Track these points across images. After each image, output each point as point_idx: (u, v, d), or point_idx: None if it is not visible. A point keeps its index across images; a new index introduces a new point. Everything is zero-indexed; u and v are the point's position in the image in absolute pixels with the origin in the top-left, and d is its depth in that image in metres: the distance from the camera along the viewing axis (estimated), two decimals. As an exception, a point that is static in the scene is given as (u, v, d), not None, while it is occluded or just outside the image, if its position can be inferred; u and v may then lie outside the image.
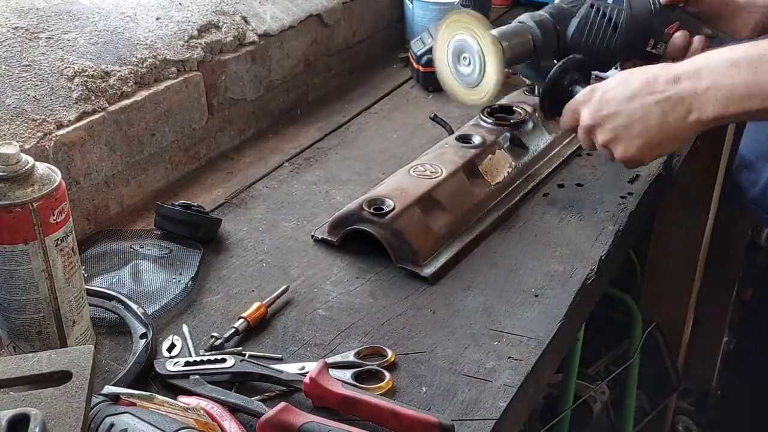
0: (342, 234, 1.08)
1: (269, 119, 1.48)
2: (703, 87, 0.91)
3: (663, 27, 1.15)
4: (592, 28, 1.15)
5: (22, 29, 1.12)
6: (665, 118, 0.94)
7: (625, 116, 0.96)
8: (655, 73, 0.95)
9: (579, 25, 1.15)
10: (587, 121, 1.01)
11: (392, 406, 0.79)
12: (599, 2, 1.15)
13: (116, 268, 1.05)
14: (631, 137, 0.97)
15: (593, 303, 1.11)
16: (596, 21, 1.14)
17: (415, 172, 1.15)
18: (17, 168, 0.78)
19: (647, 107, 0.94)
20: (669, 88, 0.93)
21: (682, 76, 0.93)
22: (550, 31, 1.15)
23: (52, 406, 0.64)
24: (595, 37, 1.15)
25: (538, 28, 1.14)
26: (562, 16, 1.16)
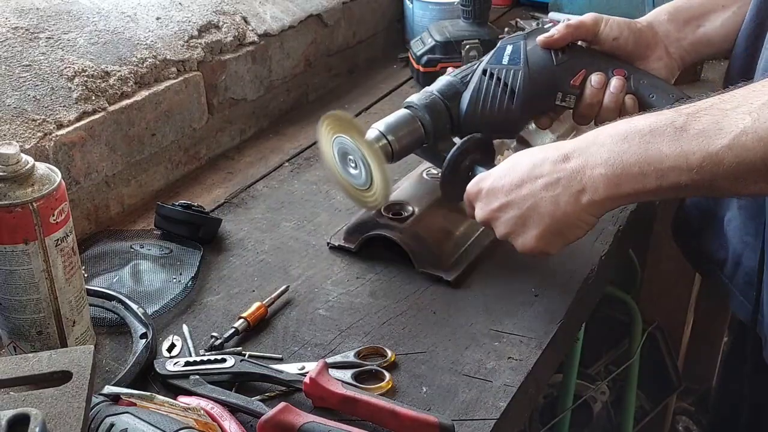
0: (360, 240, 1.07)
1: (269, 119, 1.48)
2: (591, 165, 0.82)
3: (568, 79, 1.03)
4: (486, 98, 1.04)
5: (22, 29, 1.12)
6: (557, 203, 0.85)
7: (515, 207, 0.88)
8: (543, 155, 0.87)
9: (471, 99, 1.05)
10: (480, 216, 0.93)
11: (392, 406, 0.79)
12: (492, 66, 1.05)
13: (116, 268, 1.05)
14: (526, 228, 0.88)
15: (593, 303, 1.11)
16: (490, 89, 1.04)
17: (428, 175, 1.14)
18: (17, 168, 0.78)
19: (536, 193, 0.85)
20: (557, 169, 0.84)
21: (571, 154, 0.84)
22: (441, 112, 1.05)
23: (52, 406, 0.64)
24: (491, 106, 1.04)
25: (426, 111, 1.04)
26: (452, 92, 1.06)
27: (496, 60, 1.05)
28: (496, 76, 1.04)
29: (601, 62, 1.04)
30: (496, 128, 1.06)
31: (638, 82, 1.03)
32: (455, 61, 1.56)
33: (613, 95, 1.02)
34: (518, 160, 0.90)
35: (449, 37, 1.57)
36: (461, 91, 1.06)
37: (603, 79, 1.02)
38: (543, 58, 1.04)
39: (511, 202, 0.88)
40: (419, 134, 1.05)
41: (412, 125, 1.05)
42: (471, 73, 1.07)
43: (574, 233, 0.88)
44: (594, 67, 1.04)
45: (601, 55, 1.06)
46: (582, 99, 1.04)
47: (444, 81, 1.07)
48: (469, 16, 1.59)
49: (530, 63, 1.04)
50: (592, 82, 1.02)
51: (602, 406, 1.89)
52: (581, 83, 1.03)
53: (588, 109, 1.04)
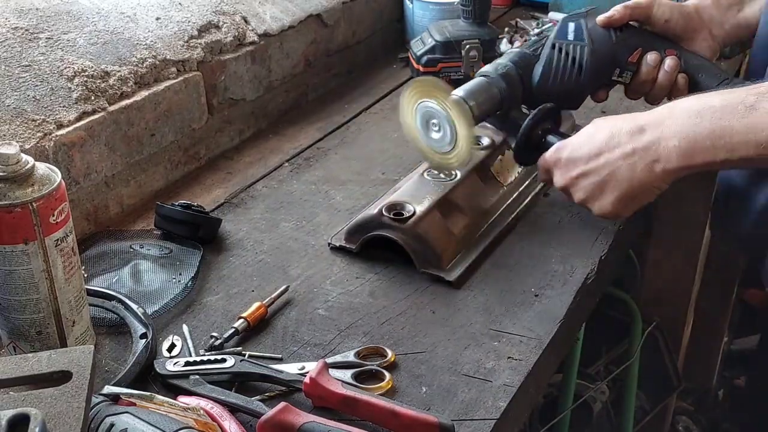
0: (362, 241, 1.07)
1: (269, 119, 1.48)
2: (666, 137, 0.90)
3: (626, 56, 1.13)
4: (557, 72, 1.12)
5: (22, 29, 1.12)
6: (633, 172, 0.93)
7: (594, 174, 0.96)
8: (620, 125, 0.95)
9: (544, 70, 1.12)
10: (560, 183, 1.01)
11: (392, 406, 0.79)
12: (560, 41, 1.13)
13: (116, 268, 1.05)
14: (604, 194, 0.97)
15: (593, 303, 1.11)
16: (560, 63, 1.12)
17: (429, 175, 1.14)
18: (17, 168, 0.78)
19: (613, 162, 0.94)
20: (633, 140, 0.92)
21: (646, 126, 0.92)
22: (516, 81, 1.12)
23: (52, 406, 0.64)
24: (561, 79, 1.12)
25: (503, 80, 1.11)
26: (525, 62, 1.13)
27: (561, 36, 1.13)
28: (564, 50, 1.12)
29: (654, 41, 1.13)
30: (564, 99, 1.14)
31: (688, 62, 1.12)
32: (455, 61, 1.56)
33: (667, 73, 1.10)
34: (595, 131, 0.97)
35: (449, 37, 1.57)
36: (533, 62, 1.13)
37: (658, 58, 1.11)
38: (603, 35, 1.13)
39: (589, 170, 0.96)
40: (496, 101, 1.11)
41: (490, 92, 1.10)
42: (540, 46, 1.14)
43: (646, 198, 0.96)
44: (648, 46, 1.12)
45: (654, 35, 1.14)
46: (638, 75, 1.12)
47: (517, 52, 1.14)
48: (469, 16, 1.58)
49: (593, 39, 1.12)
50: (648, 60, 1.11)
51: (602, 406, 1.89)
52: (637, 60, 1.12)
53: (642, 85, 1.13)
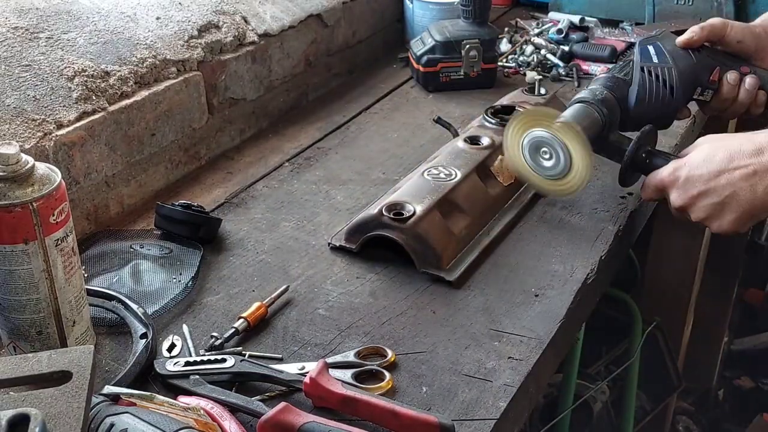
0: (362, 241, 1.07)
1: (269, 119, 1.48)
2: None
3: (707, 75, 1.17)
4: (651, 94, 1.15)
5: (22, 29, 1.12)
6: (754, 192, 0.95)
7: (714, 195, 0.98)
8: (737, 146, 0.97)
9: (639, 93, 1.15)
10: (678, 203, 1.02)
11: (392, 406, 0.79)
12: (647, 64, 1.16)
13: (116, 268, 1.05)
14: (724, 214, 0.98)
15: (593, 303, 1.11)
16: (653, 85, 1.15)
17: (429, 175, 1.14)
18: (17, 168, 0.78)
19: (734, 183, 0.96)
20: (753, 162, 0.94)
21: (764, 147, 0.94)
22: (614, 105, 1.14)
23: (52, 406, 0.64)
24: (656, 101, 1.15)
25: (603, 105, 1.13)
26: (620, 86, 1.16)
27: (646, 59, 1.16)
28: (653, 73, 1.15)
29: (729, 61, 1.18)
30: (658, 119, 1.16)
31: (764, 78, 1.16)
32: (455, 61, 1.56)
33: (748, 91, 1.15)
34: (713, 151, 0.99)
35: (449, 37, 1.57)
36: (626, 86, 1.16)
37: (738, 77, 1.16)
38: (684, 56, 1.17)
39: (709, 190, 0.98)
40: (598, 125, 1.12)
41: (592, 117, 1.11)
42: (629, 69, 1.17)
43: (764, 215, 0.98)
44: (726, 65, 1.17)
45: (729, 55, 1.19)
46: (719, 94, 1.17)
47: (608, 77, 1.17)
48: (469, 16, 1.59)
49: (676, 61, 1.16)
50: (729, 79, 1.15)
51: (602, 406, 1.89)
52: (717, 79, 1.16)
53: (723, 103, 1.17)
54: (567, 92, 1.57)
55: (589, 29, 1.76)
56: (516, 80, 1.63)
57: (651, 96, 1.15)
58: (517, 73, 1.66)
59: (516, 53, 1.73)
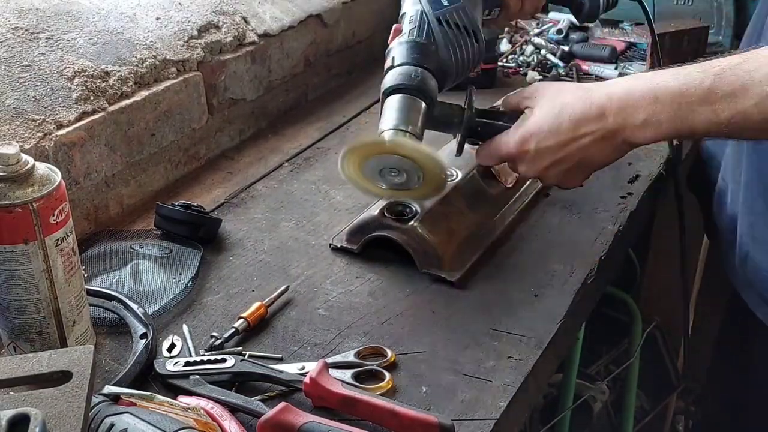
0: (363, 241, 1.07)
1: (269, 119, 1.48)
2: (630, 123, 0.91)
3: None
4: (460, 48, 1.01)
5: (22, 29, 1.12)
6: (603, 152, 0.96)
7: (566, 162, 0.97)
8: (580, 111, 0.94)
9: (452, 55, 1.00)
10: (530, 173, 1.00)
11: (392, 406, 0.79)
12: (440, 13, 1.00)
13: (116, 268, 1.05)
14: (576, 175, 0.99)
15: (593, 303, 1.11)
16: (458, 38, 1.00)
17: None
18: (17, 168, 0.78)
19: (584, 149, 0.95)
20: (599, 127, 0.93)
21: (608, 111, 0.93)
22: (430, 81, 0.99)
23: (52, 406, 0.64)
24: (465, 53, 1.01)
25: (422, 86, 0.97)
26: (427, 54, 0.99)
27: (437, 6, 1.01)
28: (452, 22, 1.00)
29: None
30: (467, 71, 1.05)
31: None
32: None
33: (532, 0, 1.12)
34: (557, 115, 0.96)
35: (449, 37, 1.56)
36: (433, 49, 0.99)
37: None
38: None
39: (561, 159, 0.97)
40: (425, 111, 0.98)
41: (415, 106, 0.97)
42: (426, 27, 1.00)
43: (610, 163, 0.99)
44: None
45: None
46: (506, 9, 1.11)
47: (412, 47, 0.99)
48: (468, 16, 1.58)
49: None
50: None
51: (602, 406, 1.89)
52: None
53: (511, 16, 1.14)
54: (567, 92, 1.57)
55: (589, 29, 1.76)
56: (516, 80, 1.64)
57: (460, 50, 1.01)
58: (517, 73, 1.66)
59: (516, 53, 1.73)
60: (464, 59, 1.02)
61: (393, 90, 0.98)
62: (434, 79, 0.99)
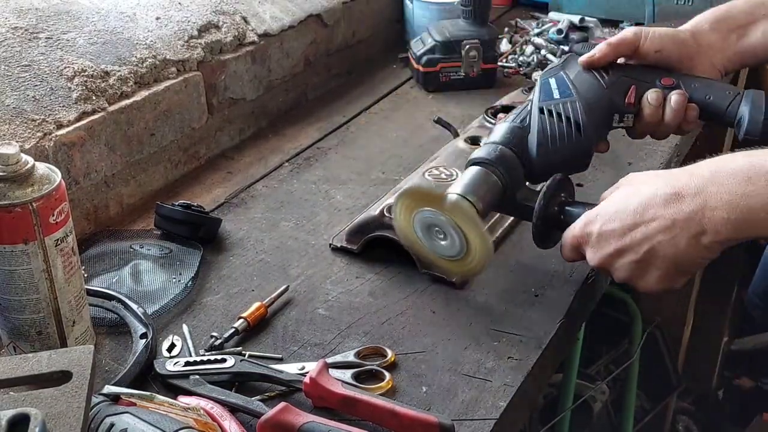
0: (363, 241, 1.06)
1: (269, 119, 1.48)
2: (711, 207, 0.78)
3: (622, 98, 1.01)
4: (554, 137, 0.99)
5: (22, 29, 1.12)
6: (676, 246, 0.81)
7: (632, 252, 0.84)
8: (653, 190, 0.83)
9: (539, 140, 0.99)
10: (595, 262, 0.89)
11: (392, 406, 0.79)
12: (546, 103, 1.00)
13: (116, 268, 1.05)
14: (648, 272, 0.85)
15: (593, 303, 1.11)
16: (555, 127, 0.99)
17: (430, 175, 1.13)
18: (17, 168, 0.78)
19: (651, 237, 0.82)
20: (671, 211, 0.81)
21: (685, 193, 0.80)
22: (513, 160, 0.99)
23: (52, 406, 0.64)
24: (561, 143, 0.99)
25: (499, 163, 0.97)
26: (518, 137, 1.00)
27: (546, 97, 1.01)
28: (555, 112, 0.99)
29: (647, 76, 1.02)
30: (568, 164, 1.01)
31: (690, 87, 1.00)
32: (455, 61, 1.56)
33: (674, 110, 0.98)
34: (626, 198, 0.86)
35: (449, 37, 1.57)
36: (525, 135, 1.00)
37: (660, 96, 0.99)
38: (591, 83, 1.02)
39: (626, 247, 0.85)
40: (498, 188, 0.98)
41: (489, 180, 0.97)
42: (527, 114, 1.01)
43: (695, 268, 0.86)
44: (643, 81, 1.01)
45: (648, 68, 1.04)
46: (641, 118, 1.01)
47: (505, 129, 1.01)
48: (469, 16, 1.59)
49: (581, 91, 1.01)
50: (650, 100, 0.99)
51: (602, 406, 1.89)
52: (636, 101, 1.01)
53: (647, 126, 1.02)
54: (567, 92, 1.57)
55: (589, 29, 1.76)
56: (516, 80, 1.63)
57: (554, 139, 0.99)
58: (517, 73, 1.67)
59: (516, 53, 1.73)
60: (562, 146, 0.99)
61: (471, 163, 0.99)
62: (519, 161, 0.99)
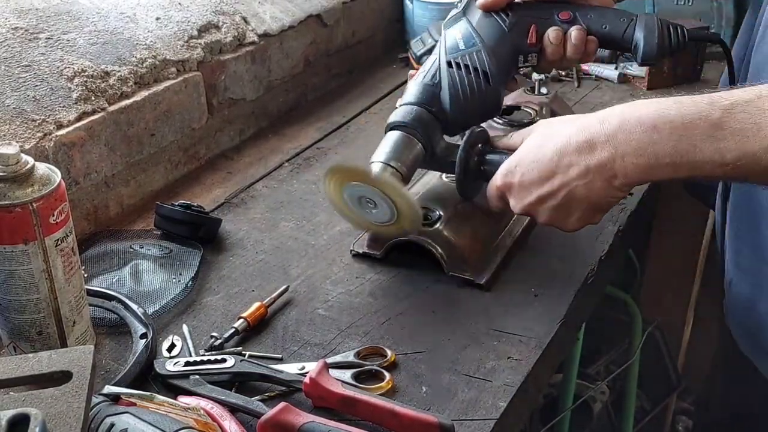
0: (387, 246, 1.05)
1: (269, 119, 1.48)
2: (621, 154, 0.81)
3: (524, 40, 1.02)
4: (465, 89, 1.00)
5: (22, 29, 1.12)
6: (591, 189, 0.85)
7: (552, 198, 0.88)
8: (567, 139, 0.86)
9: (452, 95, 1.00)
10: (519, 209, 0.93)
11: (392, 406, 0.79)
12: (453, 56, 1.01)
13: (116, 268, 1.05)
14: (567, 215, 0.90)
15: (593, 303, 1.11)
16: (464, 79, 1.00)
17: (447, 177, 1.12)
18: (17, 168, 0.78)
19: (569, 183, 0.86)
20: (585, 158, 0.84)
21: (596, 141, 0.83)
22: (430, 119, 1.00)
23: (52, 406, 0.64)
24: (472, 94, 1.00)
25: (417, 124, 0.99)
26: (431, 95, 1.01)
27: (452, 49, 1.02)
28: (462, 64, 1.01)
29: (545, 12, 1.02)
30: (482, 113, 1.04)
31: (586, 18, 1.01)
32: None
33: (576, 46, 1.01)
34: (541, 146, 0.89)
35: (449, 37, 1.57)
36: (437, 91, 1.01)
37: (560, 33, 1.01)
38: (494, 28, 1.02)
39: (546, 194, 0.89)
40: (419, 150, 1.00)
41: (410, 144, 1.00)
42: (436, 70, 1.02)
43: (610, 205, 0.90)
44: (541, 17, 1.02)
45: (543, 3, 1.04)
46: (544, 56, 1.03)
47: (417, 88, 1.03)
48: (468, 16, 1.58)
49: (485, 38, 1.01)
50: (551, 38, 1.01)
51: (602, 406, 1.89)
52: (537, 41, 1.02)
53: (552, 63, 1.04)
54: (567, 92, 1.57)
55: (588, 29, 1.76)
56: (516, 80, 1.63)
57: (465, 92, 1.00)
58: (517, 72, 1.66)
59: (516, 53, 1.73)
60: (473, 97, 1.00)
61: (390, 127, 1.01)
62: (436, 119, 1.01)
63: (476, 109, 1.02)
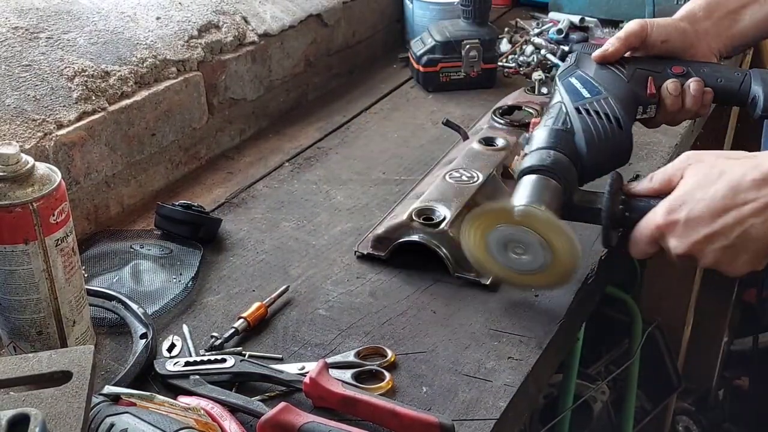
0: (392, 247, 1.05)
1: (269, 119, 1.48)
2: None
3: (642, 89, 1.04)
4: (599, 134, 0.99)
5: (22, 29, 1.12)
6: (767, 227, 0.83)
7: (723, 237, 0.84)
8: (741, 175, 0.84)
9: (587, 139, 0.99)
10: (680, 250, 0.88)
11: (392, 406, 0.79)
12: (580, 103, 1.01)
13: (116, 268, 1.05)
14: (738, 255, 0.86)
15: (593, 303, 1.11)
16: (597, 124, 1.00)
17: (451, 178, 1.12)
18: (17, 168, 0.78)
19: (744, 221, 0.83)
20: (760, 194, 0.82)
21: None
22: (567, 164, 0.97)
23: (52, 406, 0.64)
24: (606, 139, 0.99)
25: (556, 168, 0.96)
26: (564, 140, 0.99)
27: (576, 97, 1.02)
28: (592, 110, 1.01)
29: (657, 65, 1.06)
30: (614, 159, 1.02)
31: (700, 73, 1.04)
32: (455, 61, 1.56)
33: (695, 97, 1.03)
34: (707, 182, 0.86)
35: (449, 37, 1.57)
36: (570, 137, 1.00)
37: (679, 85, 1.04)
38: (613, 78, 1.04)
39: (717, 232, 0.85)
40: (559, 194, 0.96)
41: (550, 186, 0.95)
42: (565, 116, 1.02)
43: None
44: (656, 71, 1.05)
45: (656, 59, 1.07)
46: (663, 107, 1.05)
47: (549, 133, 1.00)
48: (469, 16, 1.59)
49: (608, 88, 1.03)
50: (670, 89, 1.04)
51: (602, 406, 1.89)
52: (656, 91, 1.04)
53: (669, 115, 1.06)
54: (567, 92, 1.57)
55: (589, 29, 1.76)
56: (516, 80, 1.63)
57: (600, 137, 0.99)
58: (517, 73, 1.66)
59: (516, 53, 1.73)
60: (608, 143, 1.00)
61: (526, 171, 0.97)
62: (572, 163, 0.98)
63: (610, 153, 1.01)
